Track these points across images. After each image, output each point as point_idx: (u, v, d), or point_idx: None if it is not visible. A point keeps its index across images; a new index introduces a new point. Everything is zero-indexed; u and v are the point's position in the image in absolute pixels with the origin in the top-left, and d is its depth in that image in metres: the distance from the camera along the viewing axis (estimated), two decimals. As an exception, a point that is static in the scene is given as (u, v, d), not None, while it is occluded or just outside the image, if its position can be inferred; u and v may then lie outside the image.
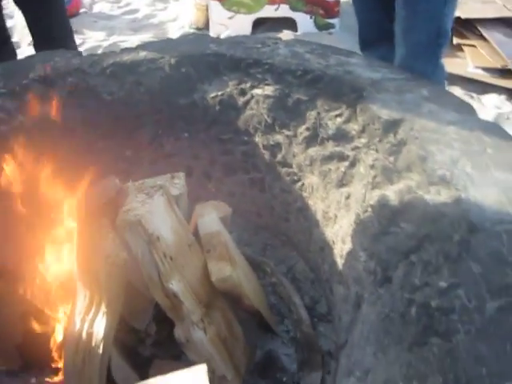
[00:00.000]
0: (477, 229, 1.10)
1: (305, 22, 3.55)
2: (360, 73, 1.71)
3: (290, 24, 3.59)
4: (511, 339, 0.92)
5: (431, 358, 0.94)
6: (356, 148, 1.54)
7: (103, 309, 1.26)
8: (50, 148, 1.83)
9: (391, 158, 1.41)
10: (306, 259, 1.77)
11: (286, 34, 3.36)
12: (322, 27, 3.58)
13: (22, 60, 2.12)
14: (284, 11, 3.55)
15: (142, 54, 1.96)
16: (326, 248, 1.62)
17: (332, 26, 3.58)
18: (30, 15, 2.53)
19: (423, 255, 1.15)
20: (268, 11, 3.55)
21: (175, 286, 1.22)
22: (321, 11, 3.52)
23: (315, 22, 3.56)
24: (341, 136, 1.59)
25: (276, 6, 3.53)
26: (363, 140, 1.53)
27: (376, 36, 2.20)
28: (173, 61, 1.89)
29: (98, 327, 1.28)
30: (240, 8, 3.53)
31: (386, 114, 1.50)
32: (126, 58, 1.95)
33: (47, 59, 2.00)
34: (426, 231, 1.21)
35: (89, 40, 3.72)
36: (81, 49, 3.49)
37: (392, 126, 1.46)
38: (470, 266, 1.05)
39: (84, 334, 1.30)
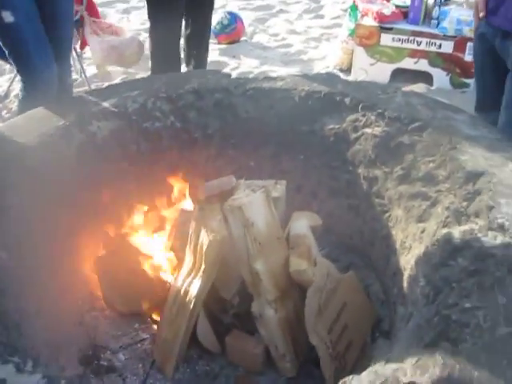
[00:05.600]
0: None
1: (441, 78, 3.76)
2: (460, 128, 1.94)
3: (427, 78, 3.81)
4: (509, 359, 1.13)
5: (437, 356, 1.16)
6: (439, 191, 1.77)
7: (200, 274, 1.60)
8: (189, 147, 2.24)
9: (464, 203, 1.64)
10: (381, 282, 2.00)
11: (419, 87, 3.60)
12: (456, 85, 3.76)
13: (182, 74, 2.56)
14: (423, 65, 3.79)
15: (279, 83, 2.32)
16: (397, 274, 1.85)
17: (467, 85, 3.76)
18: None
19: (463, 283, 1.37)
20: (407, 63, 3.80)
21: (258, 266, 1.53)
22: (458, 70, 3.71)
23: (451, 79, 3.76)
24: (429, 179, 1.83)
25: (416, 60, 3.78)
26: (447, 185, 1.76)
27: (490, 102, 2.40)
28: (303, 93, 2.23)
29: (194, 287, 1.63)
30: (382, 56, 3.81)
31: (470, 166, 1.72)
32: (266, 85, 2.31)
33: (201, 76, 2.43)
34: (474, 267, 1.43)
35: (243, 65, 4.18)
36: (235, 72, 3.96)
37: (473, 176, 1.69)
38: (497, 298, 1.27)
39: (182, 291, 1.65)
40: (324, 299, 1.64)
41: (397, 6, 3.84)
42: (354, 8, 3.92)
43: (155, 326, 1.88)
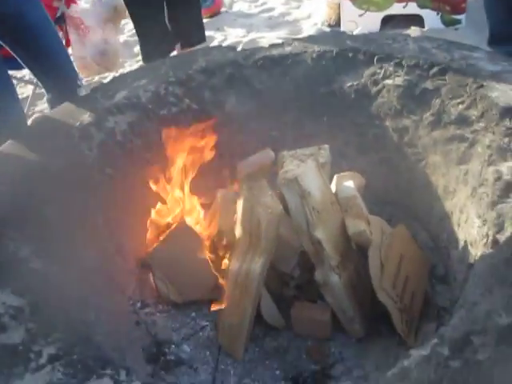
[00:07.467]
0: None
1: (432, 18, 3.72)
2: (482, 66, 1.93)
3: (418, 20, 3.77)
4: None
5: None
6: (475, 131, 1.77)
7: (260, 251, 1.60)
8: (212, 126, 2.21)
9: (506, 139, 1.63)
10: (427, 229, 2.01)
11: (414, 31, 3.56)
12: (448, 23, 3.73)
13: (185, 55, 2.52)
14: (412, 8, 3.74)
15: (288, 48, 2.29)
16: (445, 218, 1.87)
17: (458, 21, 3.72)
18: None
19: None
20: (396, 9, 3.76)
21: (319, 234, 1.53)
22: (447, 8, 3.67)
23: (442, 18, 3.72)
24: (462, 121, 1.82)
25: (404, 4, 3.73)
26: (481, 124, 1.75)
27: (505, 35, 2.39)
28: (314, 55, 2.20)
29: (255, 266, 1.62)
30: (370, 6, 3.77)
31: (503, 101, 1.72)
32: (274, 52, 2.28)
33: (206, 53, 2.39)
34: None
35: (230, 36, 4.12)
36: (223, 44, 3.89)
37: (508, 112, 1.68)
38: None
39: (243, 272, 1.64)
40: (383, 255, 1.64)
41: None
42: (335, -39, 3.86)
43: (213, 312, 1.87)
